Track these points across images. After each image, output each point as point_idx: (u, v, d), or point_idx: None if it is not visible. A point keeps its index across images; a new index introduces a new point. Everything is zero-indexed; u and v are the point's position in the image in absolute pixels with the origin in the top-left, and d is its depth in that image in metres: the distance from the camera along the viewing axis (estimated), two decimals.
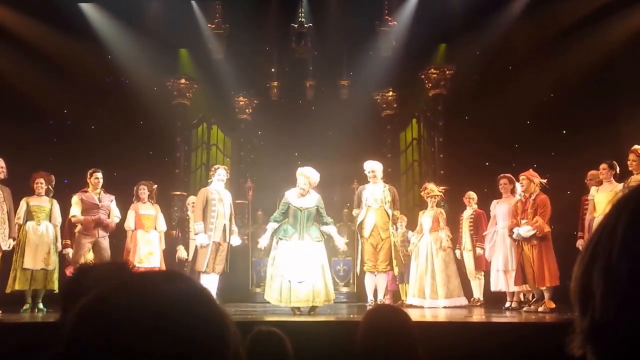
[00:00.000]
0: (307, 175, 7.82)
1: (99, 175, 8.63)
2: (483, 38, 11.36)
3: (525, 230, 7.69)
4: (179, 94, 12.58)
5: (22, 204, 8.48)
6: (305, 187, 7.80)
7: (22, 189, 8.60)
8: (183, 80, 12.56)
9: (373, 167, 8.76)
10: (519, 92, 10.95)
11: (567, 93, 10.69)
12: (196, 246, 8.35)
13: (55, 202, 8.67)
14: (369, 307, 8.03)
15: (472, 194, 9.74)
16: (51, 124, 11.59)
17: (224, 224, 8.28)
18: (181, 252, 9.74)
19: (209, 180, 8.66)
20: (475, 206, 9.67)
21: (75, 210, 8.45)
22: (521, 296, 8.79)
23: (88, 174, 8.65)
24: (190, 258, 9.75)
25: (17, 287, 8.28)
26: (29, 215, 8.48)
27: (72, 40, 11.22)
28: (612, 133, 9.90)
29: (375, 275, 8.57)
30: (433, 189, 9.47)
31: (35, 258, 8.34)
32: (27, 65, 10.87)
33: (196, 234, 8.24)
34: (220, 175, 8.47)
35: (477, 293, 9.48)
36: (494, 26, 11.42)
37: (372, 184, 8.73)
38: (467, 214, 9.67)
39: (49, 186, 8.66)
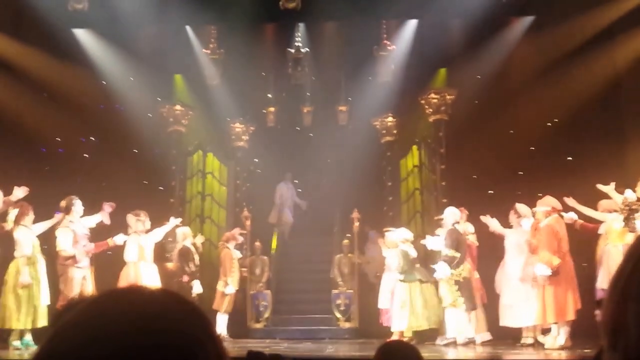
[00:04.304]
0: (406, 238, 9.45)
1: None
2: (484, 62, 11.10)
3: (539, 270, 7.46)
4: (174, 120, 12.28)
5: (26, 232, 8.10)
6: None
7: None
8: (178, 107, 12.26)
9: None
10: (522, 117, 10.72)
11: (572, 118, 10.41)
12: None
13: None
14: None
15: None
16: (44, 152, 11.31)
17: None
18: (196, 287, 9.37)
19: None
20: (471, 237, 9.29)
21: (67, 243, 8.05)
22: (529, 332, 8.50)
23: (69, 201, 8.21)
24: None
25: (6, 326, 7.94)
26: None
27: (65, 66, 10.98)
28: (620, 159, 9.66)
29: None
30: None
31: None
32: (19, 91, 10.62)
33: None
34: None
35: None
36: (495, 50, 11.19)
37: None
38: None
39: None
